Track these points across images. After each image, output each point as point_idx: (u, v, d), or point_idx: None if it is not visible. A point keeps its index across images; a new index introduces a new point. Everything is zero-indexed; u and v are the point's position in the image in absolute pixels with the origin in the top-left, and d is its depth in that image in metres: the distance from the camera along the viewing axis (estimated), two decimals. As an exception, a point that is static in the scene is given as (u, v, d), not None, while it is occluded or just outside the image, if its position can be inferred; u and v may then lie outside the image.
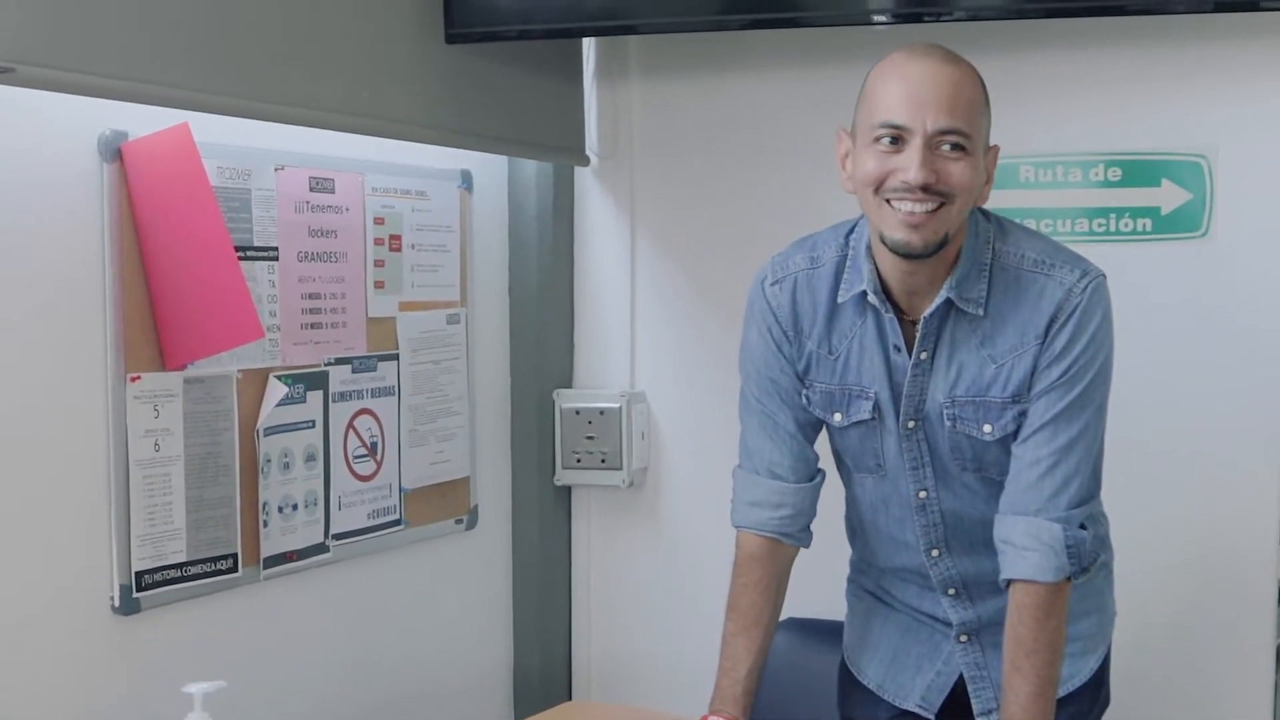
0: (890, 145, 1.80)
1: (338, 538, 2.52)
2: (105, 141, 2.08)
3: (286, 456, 2.40)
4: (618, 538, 3.07)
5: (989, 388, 1.90)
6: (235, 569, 2.30)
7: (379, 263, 2.60)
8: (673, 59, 2.96)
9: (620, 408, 2.96)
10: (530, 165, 2.97)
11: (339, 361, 2.51)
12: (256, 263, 2.33)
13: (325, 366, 2.48)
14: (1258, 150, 2.53)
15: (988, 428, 1.91)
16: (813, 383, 1.99)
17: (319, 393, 2.47)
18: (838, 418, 1.99)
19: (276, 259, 2.37)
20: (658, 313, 3.01)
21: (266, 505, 2.35)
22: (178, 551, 2.20)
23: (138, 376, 2.13)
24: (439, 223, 2.75)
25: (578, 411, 3.00)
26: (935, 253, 1.83)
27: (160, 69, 2.02)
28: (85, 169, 2.06)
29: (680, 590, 2.98)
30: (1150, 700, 2.57)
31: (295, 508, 2.42)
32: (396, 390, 2.65)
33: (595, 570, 3.09)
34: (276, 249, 2.37)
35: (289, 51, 2.23)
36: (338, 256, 2.50)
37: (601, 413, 2.98)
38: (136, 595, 2.14)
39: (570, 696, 3.08)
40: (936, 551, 2.00)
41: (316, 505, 2.47)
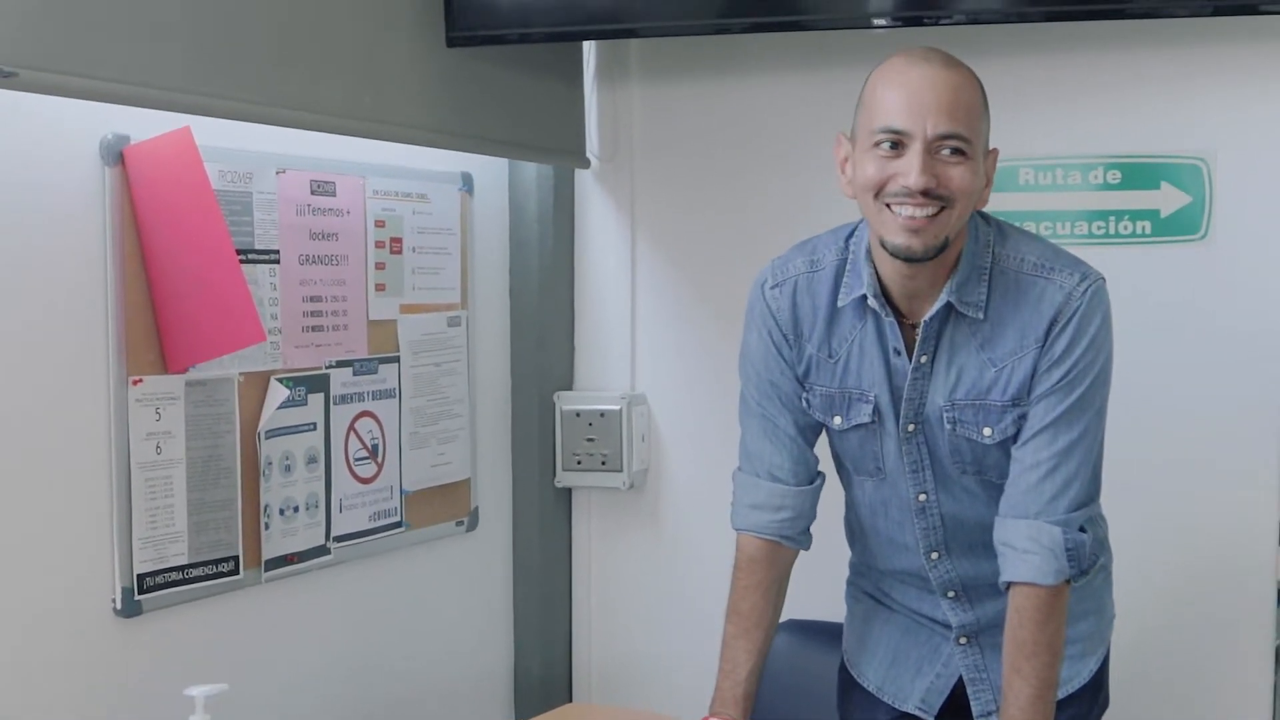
0: (890, 150, 1.79)
1: (339, 540, 2.52)
2: (107, 145, 2.08)
3: (288, 459, 2.41)
4: (618, 540, 3.07)
5: (989, 391, 1.90)
6: (237, 571, 2.31)
7: (380, 265, 2.60)
8: (673, 62, 2.96)
9: (621, 410, 2.96)
10: (531, 168, 2.97)
11: (340, 364, 2.51)
12: (258, 266, 2.33)
13: (326, 369, 2.48)
14: (1257, 153, 2.53)
15: (988, 431, 1.91)
16: (813, 386, 1.99)
17: (320, 395, 2.47)
18: (838, 421, 1.99)
19: (278, 262, 2.37)
20: (658, 315, 3.01)
21: (268, 508, 2.35)
22: (179, 554, 2.20)
23: (139, 379, 2.13)
24: (440, 225, 2.75)
25: (578, 413, 3.00)
26: (935, 257, 1.83)
27: (162, 73, 2.02)
28: (87, 173, 2.07)
29: (680, 592, 2.98)
30: (1150, 702, 2.57)
31: (296, 510, 2.43)
32: (397, 392, 2.65)
33: (596, 572, 3.09)
34: (278, 252, 2.37)
35: (290, 55, 2.24)
36: (339, 259, 2.51)
37: (602, 415, 2.98)
38: (138, 598, 2.14)
39: (571, 698, 3.08)
40: (936, 554, 2.01)
41: (318, 507, 2.47)
